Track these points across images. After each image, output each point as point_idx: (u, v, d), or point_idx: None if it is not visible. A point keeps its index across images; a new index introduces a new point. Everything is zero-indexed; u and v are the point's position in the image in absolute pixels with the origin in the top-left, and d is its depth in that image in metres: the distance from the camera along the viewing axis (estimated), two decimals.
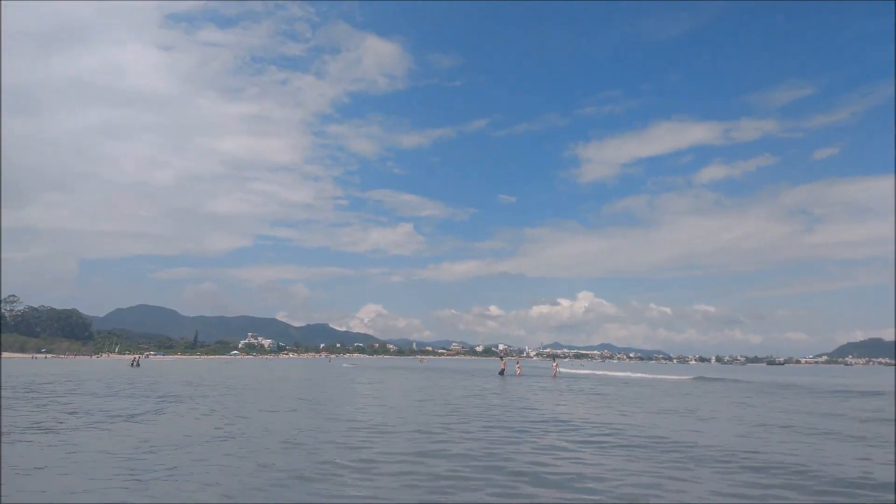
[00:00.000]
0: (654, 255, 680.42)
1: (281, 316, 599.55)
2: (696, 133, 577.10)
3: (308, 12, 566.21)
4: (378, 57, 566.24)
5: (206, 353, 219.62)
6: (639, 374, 65.11)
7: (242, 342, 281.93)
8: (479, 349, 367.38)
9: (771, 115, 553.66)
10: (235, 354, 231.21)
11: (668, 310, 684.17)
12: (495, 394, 27.62)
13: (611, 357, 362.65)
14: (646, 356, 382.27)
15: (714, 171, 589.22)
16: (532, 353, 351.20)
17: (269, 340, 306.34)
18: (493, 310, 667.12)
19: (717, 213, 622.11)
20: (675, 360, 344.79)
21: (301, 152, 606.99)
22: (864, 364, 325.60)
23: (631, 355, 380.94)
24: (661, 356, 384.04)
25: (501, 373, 48.58)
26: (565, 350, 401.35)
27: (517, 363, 56.11)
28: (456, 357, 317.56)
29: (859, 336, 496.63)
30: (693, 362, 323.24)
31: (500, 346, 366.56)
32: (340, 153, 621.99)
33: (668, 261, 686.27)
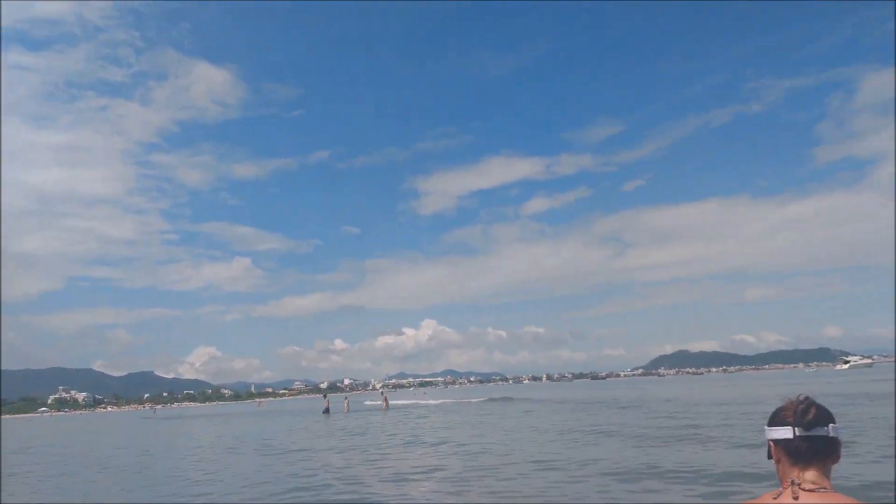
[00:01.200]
0: (490, 281, 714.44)
1: (98, 365, 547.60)
2: (523, 168, 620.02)
3: (132, 36, 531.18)
4: (209, 84, 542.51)
5: (10, 413, 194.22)
6: (447, 399, 69.43)
7: (52, 397, 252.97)
8: (323, 386, 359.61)
9: (587, 150, 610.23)
10: (44, 412, 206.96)
11: (503, 333, 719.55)
12: (283, 439, 28.40)
13: (453, 383, 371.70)
14: (485, 379, 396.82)
15: (538, 203, 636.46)
16: (378, 385, 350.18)
17: (84, 394, 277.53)
18: (338, 344, 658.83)
19: (541, 241, 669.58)
20: (510, 381, 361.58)
21: (123, 184, 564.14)
22: (674, 374, 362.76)
23: (472, 379, 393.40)
24: (498, 378, 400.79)
25: (326, 411, 48.40)
26: (410, 379, 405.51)
27: (346, 399, 57.20)
28: (299, 397, 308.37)
29: (668, 349, 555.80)
30: (526, 381, 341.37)
31: (346, 381, 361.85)
32: (168, 184, 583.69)
33: (502, 286, 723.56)
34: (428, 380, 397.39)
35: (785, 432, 1.93)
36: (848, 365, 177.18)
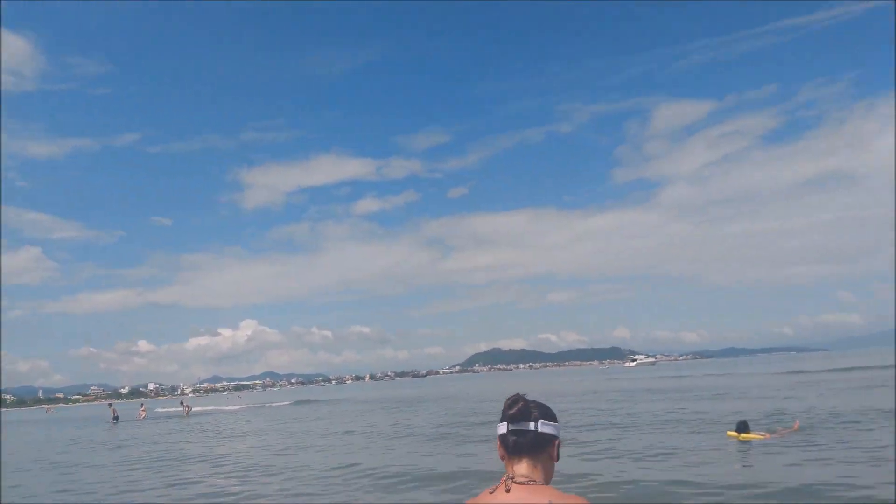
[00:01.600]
0: (317, 280, 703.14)
1: None
2: (354, 167, 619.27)
3: None
4: (5, 51, 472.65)
5: None
6: (256, 404, 67.54)
7: None
8: (123, 391, 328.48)
9: (416, 156, 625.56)
10: None
11: (328, 333, 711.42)
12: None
13: (272, 385, 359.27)
14: (307, 380, 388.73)
15: (369, 204, 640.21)
16: (188, 390, 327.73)
17: None
18: (143, 345, 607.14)
19: (371, 241, 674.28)
20: (333, 382, 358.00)
21: None
22: (487, 370, 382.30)
23: (293, 381, 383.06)
24: (320, 379, 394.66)
25: (115, 419, 44.44)
26: (225, 383, 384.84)
27: (142, 405, 53.51)
28: (95, 402, 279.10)
29: (483, 347, 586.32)
30: (350, 382, 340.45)
31: (150, 386, 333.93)
32: None
33: (329, 285, 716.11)
34: (245, 383, 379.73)
35: (502, 428, 2.01)
36: (635, 363, 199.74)
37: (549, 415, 2.03)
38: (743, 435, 13.99)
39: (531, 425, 1.98)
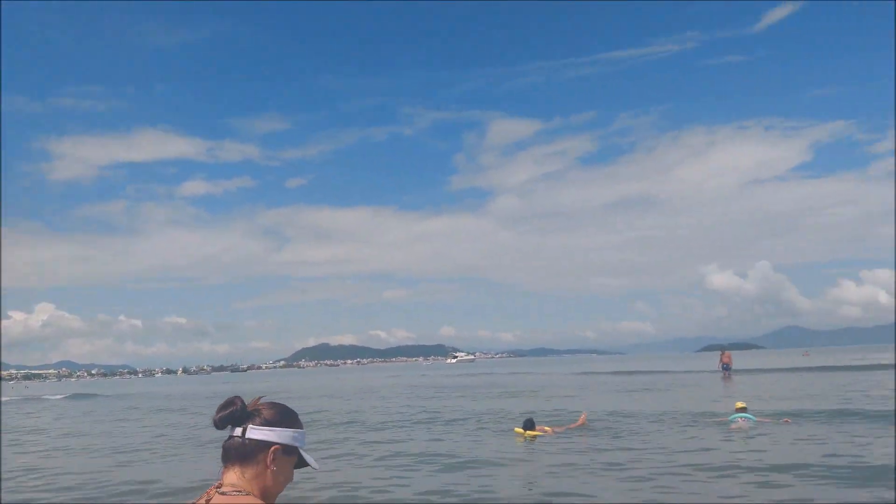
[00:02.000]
0: (131, 265, 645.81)
1: None
2: (181, 146, 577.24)
3: None
4: None
5: None
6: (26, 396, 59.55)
7: None
8: None
9: (253, 140, 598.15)
10: None
11: (138, 322, 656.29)
12: None
13: (69, 376, 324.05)
14: (110, 372, 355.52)
15: (196, 186, 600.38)
16: None
17: None
18: None
19: (197, 227, 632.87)
20: (140, 374, 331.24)
21: None
22: (313, 366, 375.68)
23: (93, 372, 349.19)
24: (126, 371, 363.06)
25: None
26: (13, 371, 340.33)
27: None
28: None
29: (311, 342, 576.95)
30: (159, 375, 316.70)
31: None
32: None
33: (145, 271, 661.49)
34: (37, 372, 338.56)
35: (226, 433, 1.85)
36: (455, 360, 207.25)
37: (270, 420, 1.84)
38: (528, 432, 13.99)
39: (237, 431, 1.82)
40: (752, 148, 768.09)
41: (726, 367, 35.77)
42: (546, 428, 14.52)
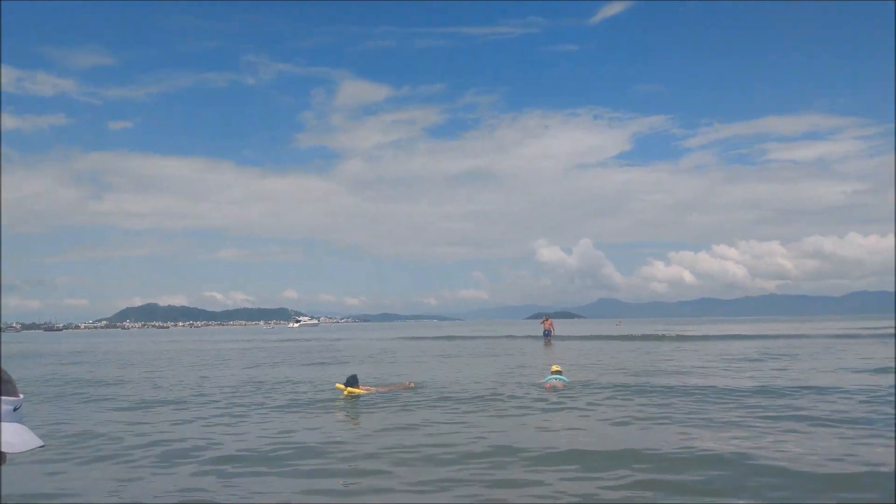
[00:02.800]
0: None
1: None
2: None
3: None
4: None
5: None
6: None
7: None
8: None
9: (70, 74, 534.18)
10: None
11: None
12: None
13: None
14: None
15: (3, 121, 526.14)
16: None
17: None
18: None
19: (4, 166, 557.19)
20: None
21: None
22: (140, 327, 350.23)
23: None
24: None
25: None
26: None
27: None
28: None
29: (137, 302, 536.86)
30: None
31: None
32: None
33: None
34: None
35: None
36: (298, 324, 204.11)
37: None
38: (349, 389, 13.79)
39: None
40: (580, 134, 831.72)
41: (547, 333, 39.57)
42: (370, 388, 14.39)
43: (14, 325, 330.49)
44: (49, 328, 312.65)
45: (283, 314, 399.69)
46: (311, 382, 17.03)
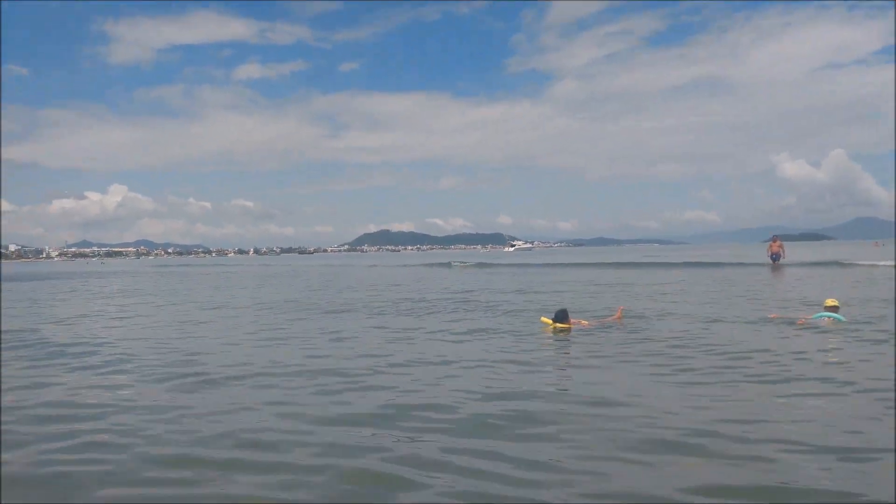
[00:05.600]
0: (193, 148, 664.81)
1: None
2: (235, 28, 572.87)
3: None
4: None
5: None
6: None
7: None
8: None
9: (304, 22, 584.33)
10: None
11: (207, 205, 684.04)
12: None
13: (147, 254, 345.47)
14: (185, 251, 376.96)
15: (251, 70, 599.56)
16: (54, 254, 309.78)
17: None
18: (3, 204, 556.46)
19: (254, 111, 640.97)
20: (214, 254, 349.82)
21: None
22: (376, 251, 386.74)
23: (170, 251, 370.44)
24: (200, 250, 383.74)
25: None
26: (95, 248, 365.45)
27: None
28: None
29: (372, 228, 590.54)
30: (231, 255, 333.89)
31: (11, 248, 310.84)
32: None
33: (208, 155, 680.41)
34: (117, 250, 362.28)
35: None
36: (514, 248, 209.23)
37: None
38: (558, 324, 12.55)
39: None
40: (831, 29, 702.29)
41: (775, 257, 34.66)
42: (582, 321, 13.03)
43: (275, 249, 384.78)
44: (302, 251, 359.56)
45: (498, 239, 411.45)
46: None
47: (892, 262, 30.06)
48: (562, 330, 12.46)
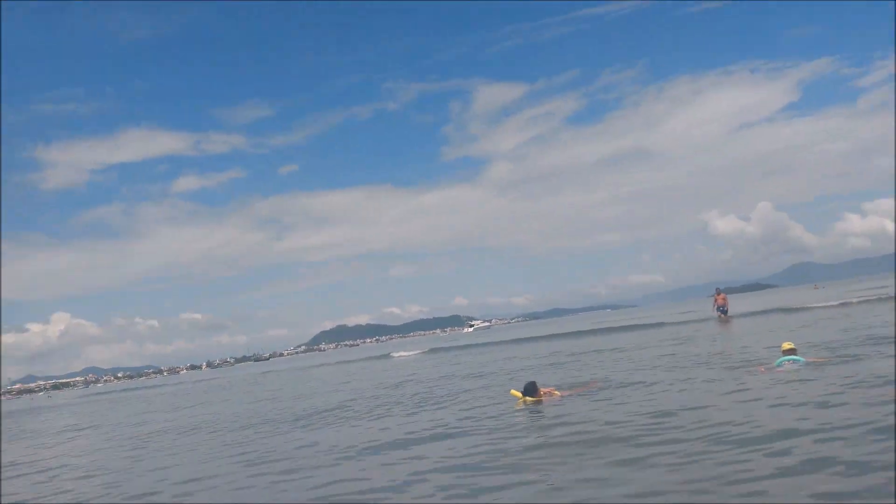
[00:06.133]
0: (136, 266, 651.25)
1: None
2: (168, 142, 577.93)
3: None
4: None
5: None
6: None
7: None
8: None
9: (238, 130, 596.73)
10: None
11: (155, 322, 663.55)
12: None
13: (96, 381, 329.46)
14: (135, 373, 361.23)
15: (189, 182, 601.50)
16: None
17: None
18: None
19: (195, 222, 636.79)
20: (165, 373, 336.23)
21: None
22: (334, 348, 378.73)
23: (119, 375, 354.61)
24: (151, 371, 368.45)
25: None
26: (41, 382, 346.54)
27: None
28: None
29: (328, 325, 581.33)
30: (184, 372, 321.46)
31: None
32: None
33: (152, 271, 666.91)
34: (65, 381, 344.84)
35: None
36: (472, 328, 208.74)
37: None
38: (529, 398, 12.37)
39: None
40: (738, 92, 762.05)
41: (721, 309, 35.50)
42: (554, 391, 12.78)
43: (229, 359, 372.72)
44: (258, 359, 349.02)
45: (456, 321, 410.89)
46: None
47: (830, 304, 31.53)
48: (533, 402, 12.25)
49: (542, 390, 12.59)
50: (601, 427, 9.60)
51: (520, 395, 12.64)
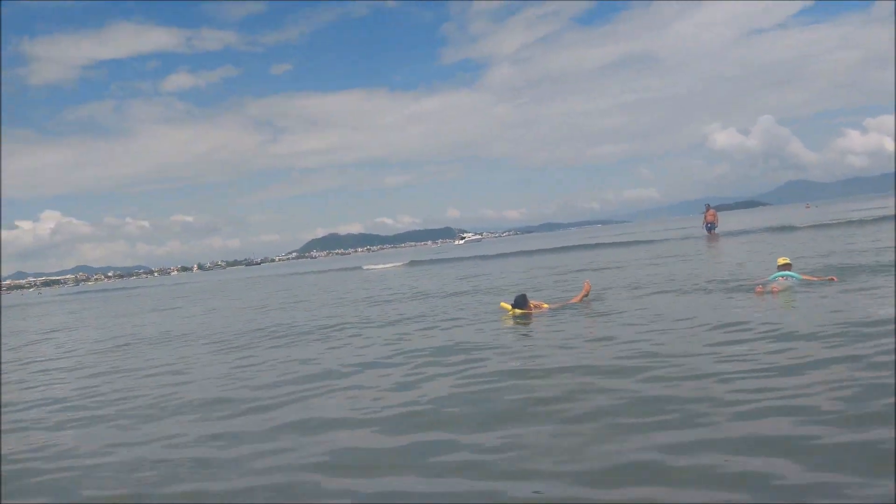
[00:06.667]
0: (128, 167, 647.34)
1: None
2: (158, 38, 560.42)
3: None
4: None
5: None
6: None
7: None
8: None
9: (230, 27, 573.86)
10: None
11: (146, 223, 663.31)
12: None
13: (86, 279, 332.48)
14: (126, 273, 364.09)
15: (181, 80, 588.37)
16: None
17: None
18: None
19: (189, 122, 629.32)
20: (156, 273, 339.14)
21: None
22: (325, 256, 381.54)
23: (109, 275, 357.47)
24: (142, 271, 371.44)
25: None
26: (31, 279, 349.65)
27: None
28: None
29: (321, 232, 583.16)
30: (175, 273, 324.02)
31: None
32: None
33: (144, 172, 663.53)
34: (55, 278, 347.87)
35: None
36: (463, 241, 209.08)
37: None
38: (517, 310, 12.33)
39: None
40: None
41: (710, 227, 34.68)
42: (542, 304, 12.80)
43: (220, 262, 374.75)
44: (249, 263, 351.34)
45: (448, 233, 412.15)
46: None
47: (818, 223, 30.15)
48: (522, 315, 12.22)
49: (532, 303, 12.56)
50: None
51: (509, 307, 12.64)
